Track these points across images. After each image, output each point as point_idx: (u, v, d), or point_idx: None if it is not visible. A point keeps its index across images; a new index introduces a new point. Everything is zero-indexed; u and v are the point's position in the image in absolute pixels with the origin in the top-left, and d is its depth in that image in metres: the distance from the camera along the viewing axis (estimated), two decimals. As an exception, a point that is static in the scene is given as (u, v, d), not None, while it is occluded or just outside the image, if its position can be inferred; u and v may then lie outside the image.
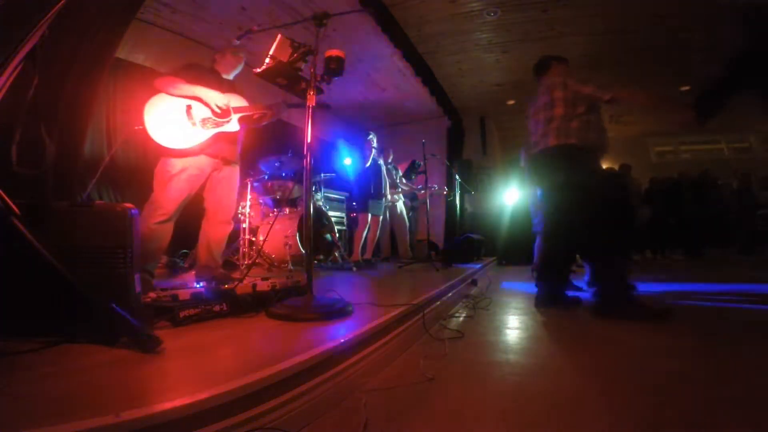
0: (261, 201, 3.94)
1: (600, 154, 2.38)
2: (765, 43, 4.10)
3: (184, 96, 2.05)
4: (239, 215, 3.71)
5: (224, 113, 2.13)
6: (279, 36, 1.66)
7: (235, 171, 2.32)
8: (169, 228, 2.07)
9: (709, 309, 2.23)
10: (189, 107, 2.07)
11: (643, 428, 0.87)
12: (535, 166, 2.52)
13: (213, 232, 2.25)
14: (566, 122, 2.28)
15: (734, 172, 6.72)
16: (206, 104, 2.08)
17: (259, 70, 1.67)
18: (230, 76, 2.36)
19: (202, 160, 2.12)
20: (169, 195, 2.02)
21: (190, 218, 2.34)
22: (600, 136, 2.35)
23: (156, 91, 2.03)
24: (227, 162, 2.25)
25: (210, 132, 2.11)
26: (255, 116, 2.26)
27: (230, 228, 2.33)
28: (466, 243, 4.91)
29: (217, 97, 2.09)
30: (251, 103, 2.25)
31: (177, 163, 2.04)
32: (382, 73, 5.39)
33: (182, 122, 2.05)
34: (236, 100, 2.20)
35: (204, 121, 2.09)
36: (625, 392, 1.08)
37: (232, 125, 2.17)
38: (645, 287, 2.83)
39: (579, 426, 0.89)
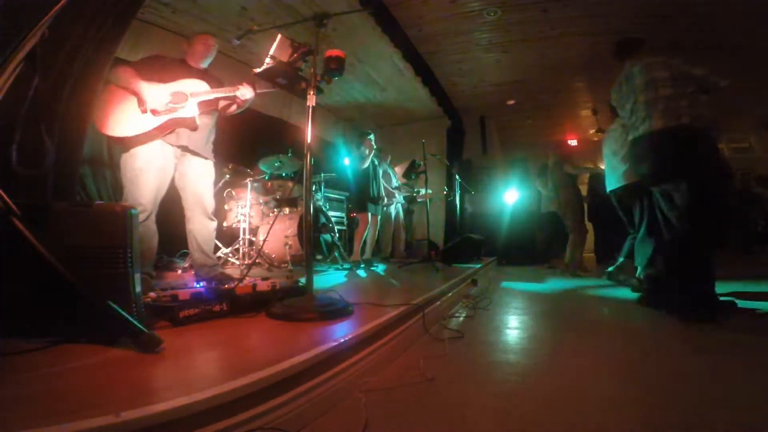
0: (261, 201, 3.93)
1: (716, 134, 2.16)
2: None
3: (127, 90, 1.99)
4: (239, 215, 3.72)
5: (178, 100, 2.05)
6: (279, 36, 1.65)
7: (206, 165, 2.26)
8: (151, 225, 2.06)
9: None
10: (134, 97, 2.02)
11: (642, 427, 0.87)
12: (635, 152, 2.32)
13: (197, 231, 2.23)
14: (675, 102, 2.06)
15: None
16: (142, 101, 1.99)
17: (259, 70, 1.66)
18: (204, 64, 2.30)
19: (164, 149, 2.08)
20: (141, 190, 2.00)
21: (183, 218, 2.32)
22: (713, 115, 2.11)
23: (106, 83, 1.98)
24: (192, 153, 2.19)
25: (162, 118, 2.03)
26: (218, 101, 2.20)
27: (214, 223, 2.29)
28: (466, 243, 4.91)
29: (154, 96, 2.00)
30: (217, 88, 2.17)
31: (139, 155, 2.01)
32: (382, 73, 5.39)
33: (132, 110, 2.00)
34: (196, 86, 2.12)
35: (152, 107, 2.02)
36: (625, 392, 1.08)
37: (188, 110, 2.08)
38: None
39: (579, 426, 0.89)
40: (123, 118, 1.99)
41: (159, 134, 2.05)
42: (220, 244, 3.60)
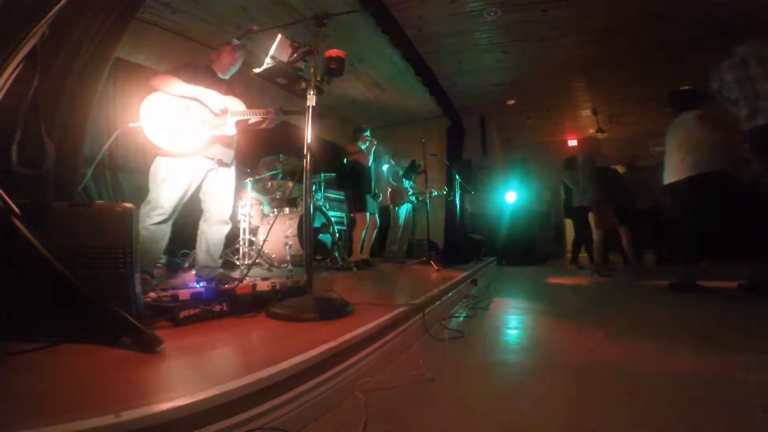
0: (261, 201, 3.93)
1: None
2: None
3: (183, 96, 2.05)
4: (239, 215, 3.71)
5: (222, 115, 2.13)
6: (279, 36, 1.66)
7: (231, 172, 2.33)
8: (167, 228, 2.08)
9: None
10: (187, 108, 2.07)
11: (641, 425, 0.87)
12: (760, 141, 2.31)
13: (211, 233, 2.25)
14: None
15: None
16: (205, 105, 2.08)
17: (259, 70, 1.67)
18: (227, 76, 2.36)
19: (199, 161, 2.13)
20: (166, 195, 2.02)
21: (189, 219, 2.34)
22: None
23: (153, 90, 2.03)
24: (223, 164, 2.26)
25: (207, 134, 2.11)
26: (250, 121, 2.27)
27: (227, 228, 2.33)
28: (466, 243, 4.91)
29: (215, 99, 2.09)
30: (247, 107, 2.25)
31: (173, 163, 2.04)
32: (382, 73, 5.39)
33: (180, 123, 2.04)
34: (233, 104, 2.20)
35: (202, 122, 2.09)
36: (625, 392, 1.08)
37: (229, 128, 2.18)
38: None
39: (579, 426, 0.89)
40: (174, 130, 2.03)
41: (203, 149, 2.13)
42: (220, 244, 3.60)
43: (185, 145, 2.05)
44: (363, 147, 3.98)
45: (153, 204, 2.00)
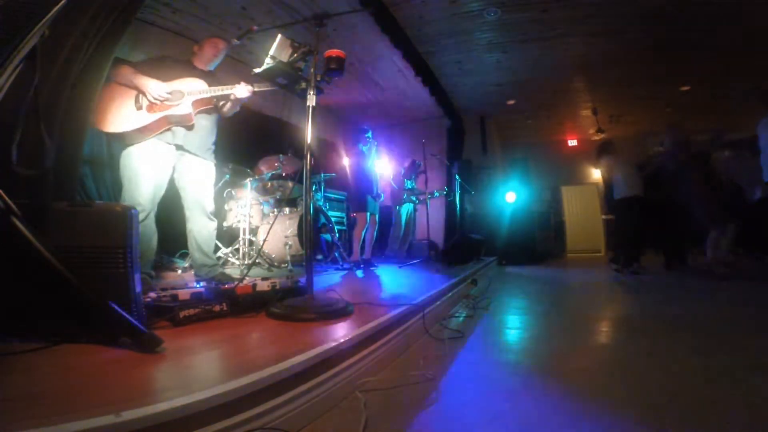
0: (260, 201, 3.93)
1: None
2: None
3: (126, 85, 2.03)
4: (239, 215, 3.71)
5: (174, 98, 2.09)
6: (279, 36, 1.66)
7: (205, 165, 2.27)
8: (150, 224, 2.07)
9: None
10: (137, 95, 2.05)
11: (640, 423, 0.87)
12: None
13: (197, 231, 2.24)
14: None
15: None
16: (143, 93, 2.04)
17: (259, 70, 1.67)
18: (211, 67, 2.34)
19: (160, 148, 2.10)
20: (139, 189, 2.01)
21: (184, 218, 2.32)
22: None
23: (108, 81, 2.00)
24: (190, 153, 2.20)
25: (156, 115, 2.06)
26: (215, 101, 2.22)
27: (214, 224, 2.31)
28: (466, 243, 4.91)
29: (156, 87, 2.03)
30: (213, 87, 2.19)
31: (136, 153, 2.03)
32: (382, 73, 5.38)
33: (128, 107, 2.03)
34: (194, 84, 2.15)
35: (150, 106, 2.06)
36: (625, 391, 1.08)
37: (182, 107, 2.10)
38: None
39: (578, 426, 0.89)
40: (120, 114, 2.02)
41: (155, 130, 2.07)
42: (220, 244, 3.60)
43: (133, 125, 2.02)
44: (364, 148, 3.99)
45: (129, 201, 1.99)
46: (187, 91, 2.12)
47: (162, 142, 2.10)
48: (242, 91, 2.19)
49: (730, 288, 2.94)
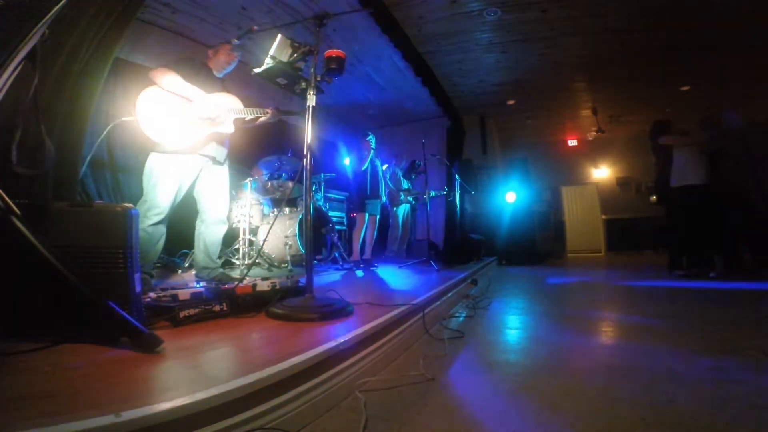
0: (260, 201, 3.93)
1: None
2: None
3: (179, 95, 2.02)
4: (239, 215, 3.71)
5: (222, 117, 2.13)
6: (279, 36, 1.65)
7: (224, 171, 2.31)
8: (163, 229, 2.08)
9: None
10: (185, 103, 2.06)
11: (639, 422, 0.87)
12: None
13: (208, 233, 2.25)
14: None
15: None
16: (191, 105, 2.05)
17: (259, 70, 1.67)
18: (221, 74, 2.35)
19: (193, 159, 2.11)
20: (161, 194, 2.01)
21: (187, 218, 2.33)
22: None
23: (151, 83, 2.00)
24: (216, 162, 2.24)
25: (205, 131, 2.09)
26: (247, 118, 2.26)
27: (225, 228, 2.33)
28: (466, 243, 4.90)
29: (207, 105, 2.05)
30: (244, 105, 2.24)
31: (167, 161, 2.03)
32: (382, 73, 5.38)
33: (178, 118, 2.02)
34: (231, 101, 2.18)
35: (200, 119, 2.08)
36: (625, 390, 1.08)
37: (227, 127, 2.16)
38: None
39: (578, 426, 0.89)
40: (170, 126, 2.01)
41: (199, 148, 2.12)
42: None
43: (182, 141, 2.02)
44: (364, 152, 4.00)
45: (150, 203, 1.99)
46: (229, 109, 2.17)
47: (197, 153, 2.13)
48: (271, 117, 2.28)
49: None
